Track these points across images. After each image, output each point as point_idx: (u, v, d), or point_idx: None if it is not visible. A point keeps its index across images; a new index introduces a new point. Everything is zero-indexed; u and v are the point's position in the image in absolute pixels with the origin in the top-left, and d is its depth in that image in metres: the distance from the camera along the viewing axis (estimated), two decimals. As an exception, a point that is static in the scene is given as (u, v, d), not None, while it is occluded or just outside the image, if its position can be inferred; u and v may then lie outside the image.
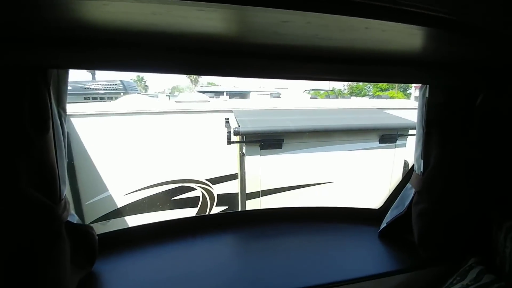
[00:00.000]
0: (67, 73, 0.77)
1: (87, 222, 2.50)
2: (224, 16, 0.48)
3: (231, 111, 2.58)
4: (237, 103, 3.30)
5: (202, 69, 0.69)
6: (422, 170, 1.07)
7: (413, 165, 1.15)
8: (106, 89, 4.70)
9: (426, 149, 1.03)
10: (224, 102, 3.36)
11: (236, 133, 2.00)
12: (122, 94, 4.52)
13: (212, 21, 0.50)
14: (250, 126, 2.07)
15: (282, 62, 0.71)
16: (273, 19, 0.48)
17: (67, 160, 0.84)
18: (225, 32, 0.59)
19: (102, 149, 2.36)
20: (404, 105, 3.36)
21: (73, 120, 2.23)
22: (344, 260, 1.08)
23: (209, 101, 2.94)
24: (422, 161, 1.07)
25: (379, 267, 1.04)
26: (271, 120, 2.29)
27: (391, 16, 0.48)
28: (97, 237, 0.94)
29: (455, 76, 0.89)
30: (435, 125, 0.99)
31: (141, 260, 1.05)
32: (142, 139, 2.50)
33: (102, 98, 4.61)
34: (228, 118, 2.37)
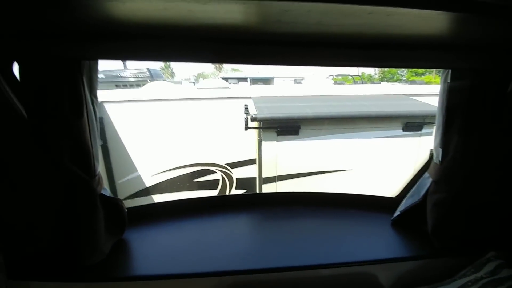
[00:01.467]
0: (97, 64, 0.86)
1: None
2: (232, 8, 0.51)
3: (250, 97, 2.61)
4: (257, 89, 3.31)
5: (213, 57, 0.73)
6: (440, 159, 1.03)
7: (432, 153, 1.12)
8: (134, 76, 4.98)
9: (446, 137, 0.99)
10: (243, 88, 3.38)
11: (253, 119, 2.04)
12: (149, 81, 4.77)
13: (218, 13, 0.54)
14: (267, 112, 2.09)
15: (289, 48, 0.72)
16: (275, 9, 0.51)
17: (100, 142, 0.95)
18: (234, 22, 0.62)
19: (131, 132, 2.56)
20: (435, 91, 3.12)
21: (106, 105, 2.43)
22: (354, 244, 1.10)
23: (229, 88, 3.00)
24: (440, 149, 1.03)
25: (388, 252, 1.05)
26: (288, 107, 2.29)
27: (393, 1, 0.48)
28: (126, 209, 1.07)
29: (483, 59, 0.83)
30: (457, 112, 0.94)
31: (164, 232, 1.17)
32: (166, 123, 2.64)
33: (131, 85, 4.90)
34: (247, 105, 2.42)
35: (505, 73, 0.89)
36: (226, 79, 7.07)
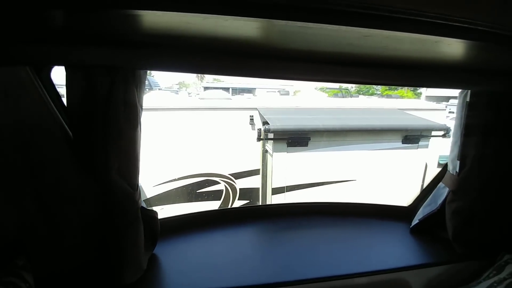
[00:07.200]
0: (146, 74, 0.84)
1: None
2: (248, 24, 0.51)
3: (255, 108, 2.65)
4: (265, 101, 3.32)
5: (228, 69, 0.72)
6: (457, 170, 1.12)
7: (446, 165, 1.21)
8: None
9: (464, 150, 1.08)
10: (247, 99, 3.42)
11: (266, 131, 2.08)
12: (147, 90, 4.64)
13: (237, 29, 0.54)
14: (279, 124, 2.14)
15: (300, 64, 0.73)
16: (292, 28, 0.53)
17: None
18: (248, 37, 0.63)
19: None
20: (422, 106, 3.39)
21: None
22: (381, 252, 1.13)
23: (231, 99, 3.02)
24: (458, 162, 1.12)
25: (414, 259, 1.10)
26: (298, 119, 2.35)
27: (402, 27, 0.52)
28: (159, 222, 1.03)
29: (501, 82, 0.93)
30: (475, 128, 1.04)
31: (192, 244, 1.13)
32: (167, 133, 2.58)
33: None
34: (252, 116, 2.45)
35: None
36: (207, 88, 7.01)
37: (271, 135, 2.14)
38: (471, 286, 1.00)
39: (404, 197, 1.58)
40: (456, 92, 1.16)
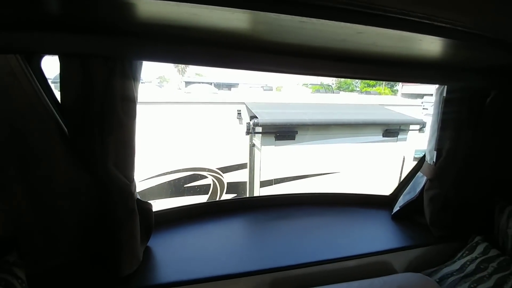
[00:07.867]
0: (142, 64, 0.82)
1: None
2: (243, 17, 0.53)
3: (242, 103, 2.65)
4: (247, 96, 3.32)
5: (224, 62, 0.73)
6: (434, 160, 1.21)
7: (424, 155, 1.30)
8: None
9: (440, 142, 1.17)
10: (234, 94, 3.40)
11: (255, 124, 2.10)
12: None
13: (235, 21, 0.55)
14: (268, 118, 2.17)
15: (296, 59, 0.76)
16: (291, 22, 0.54)
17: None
18: (246, 30, 0.65)
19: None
20: (400, 102, 3.57)
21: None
22: (362, 237, 1.21)
23: (217, 93, 2.99)
24: (435, 152, 1.21)
25: (395, 243, 1.19)
26: (285, 113, 2.40)
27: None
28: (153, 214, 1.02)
29: (476, 79, 1.02)
30: (450, 121, 1.13)
31: (169, 238, 1.13)
32: (154, 128, 2.52)
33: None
34: (240, 110, 2.46)
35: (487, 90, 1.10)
36: (189, 83, 6.84)
37: (259, 129, 2.18)
38: (447, 265, 1.10)
39: (384, 187, 1.67)
40: (430, 90, 1.25)
